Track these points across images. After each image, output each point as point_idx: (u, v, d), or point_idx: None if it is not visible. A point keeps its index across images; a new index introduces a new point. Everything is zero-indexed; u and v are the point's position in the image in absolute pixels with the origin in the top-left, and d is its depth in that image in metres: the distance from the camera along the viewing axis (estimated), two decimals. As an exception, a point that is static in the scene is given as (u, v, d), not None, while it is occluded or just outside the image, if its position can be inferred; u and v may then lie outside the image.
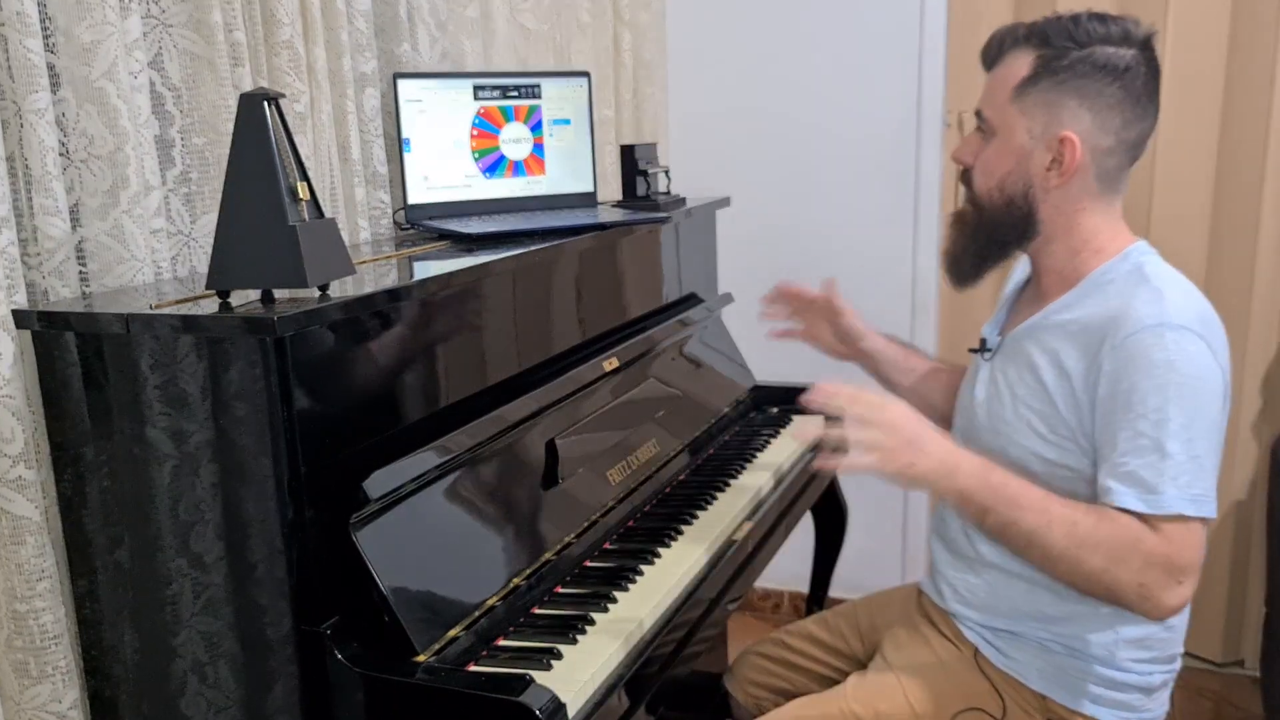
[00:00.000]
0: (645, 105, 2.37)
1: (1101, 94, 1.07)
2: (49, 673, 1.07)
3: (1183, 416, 1.01)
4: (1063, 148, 1.08)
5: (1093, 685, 1.16)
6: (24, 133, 1.05)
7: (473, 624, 1.07)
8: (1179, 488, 1.00)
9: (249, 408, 0.97)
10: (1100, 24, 1.07)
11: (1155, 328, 1.02)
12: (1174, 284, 1.08)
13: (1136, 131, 1.10)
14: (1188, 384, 1.01)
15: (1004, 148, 1.12)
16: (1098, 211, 1.12)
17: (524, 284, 1.37)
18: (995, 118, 1.13)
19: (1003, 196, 1.13)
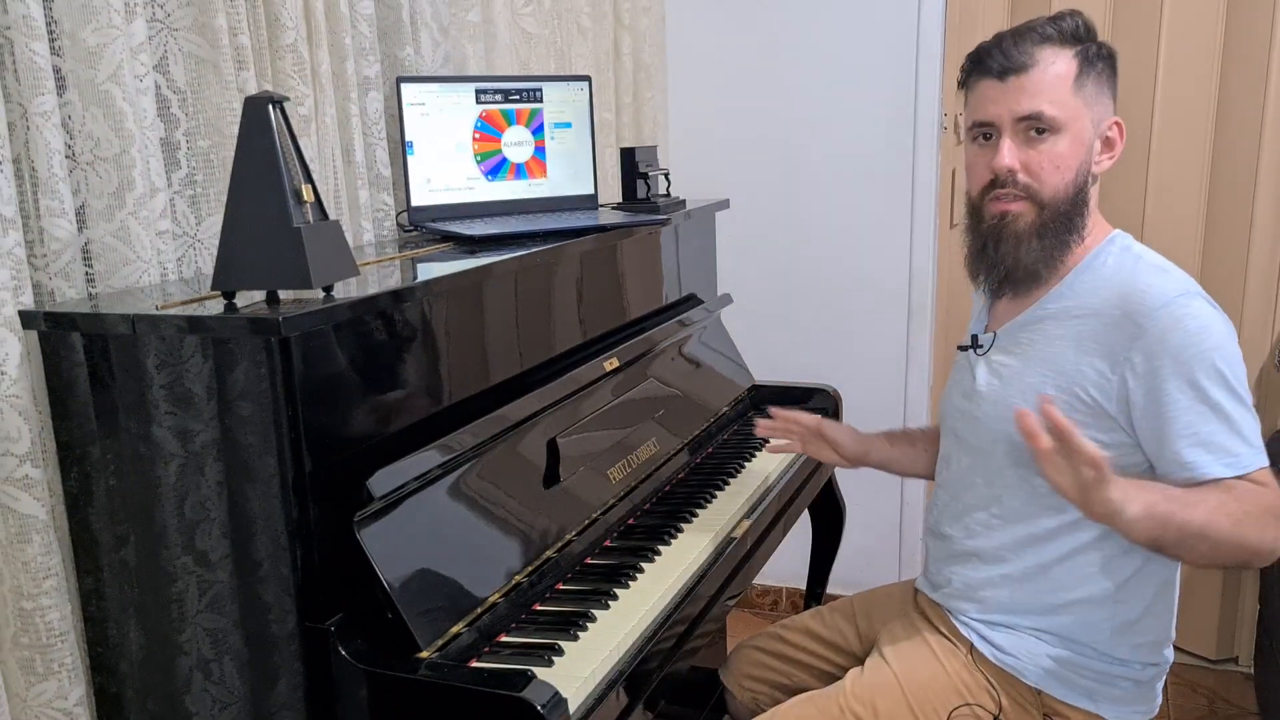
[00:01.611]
0: (645, 108, 2.38)
1: (1113, 81, 1.18)
2: (55, 669, 1.08)
3: (1227, 377, 1.07)
4: (1112, 131, 1.18)
5: (1087, 679, 1.18)
6: (30, 135, 1.06)
7: (475, 620, 1.08)
8: (1248, 444, 1.06)
9: (254, 407, 0.98)
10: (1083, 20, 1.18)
11: (1180, 298, 1.08)
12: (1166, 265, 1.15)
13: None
14: (1223, 345, 1.07)
15: (1075, 140, 1.16)
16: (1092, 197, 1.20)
17: (526, 285, 1.38)
18: (1062, 114, 1.14)
19: (1075, 187, 1.16)
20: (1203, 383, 1.06)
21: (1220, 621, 2.30)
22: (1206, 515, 1.04)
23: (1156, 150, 2.16)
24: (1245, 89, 2.08)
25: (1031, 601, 1.19)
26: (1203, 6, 2.08)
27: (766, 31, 2.43)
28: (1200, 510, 1.04)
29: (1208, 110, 2.12)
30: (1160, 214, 2.18)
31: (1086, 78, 1.15)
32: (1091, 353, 1.12)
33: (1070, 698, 1.18)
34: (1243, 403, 1.07)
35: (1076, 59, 1.15)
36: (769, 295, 2.48)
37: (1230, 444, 1.06)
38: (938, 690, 1.21)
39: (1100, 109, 1.17)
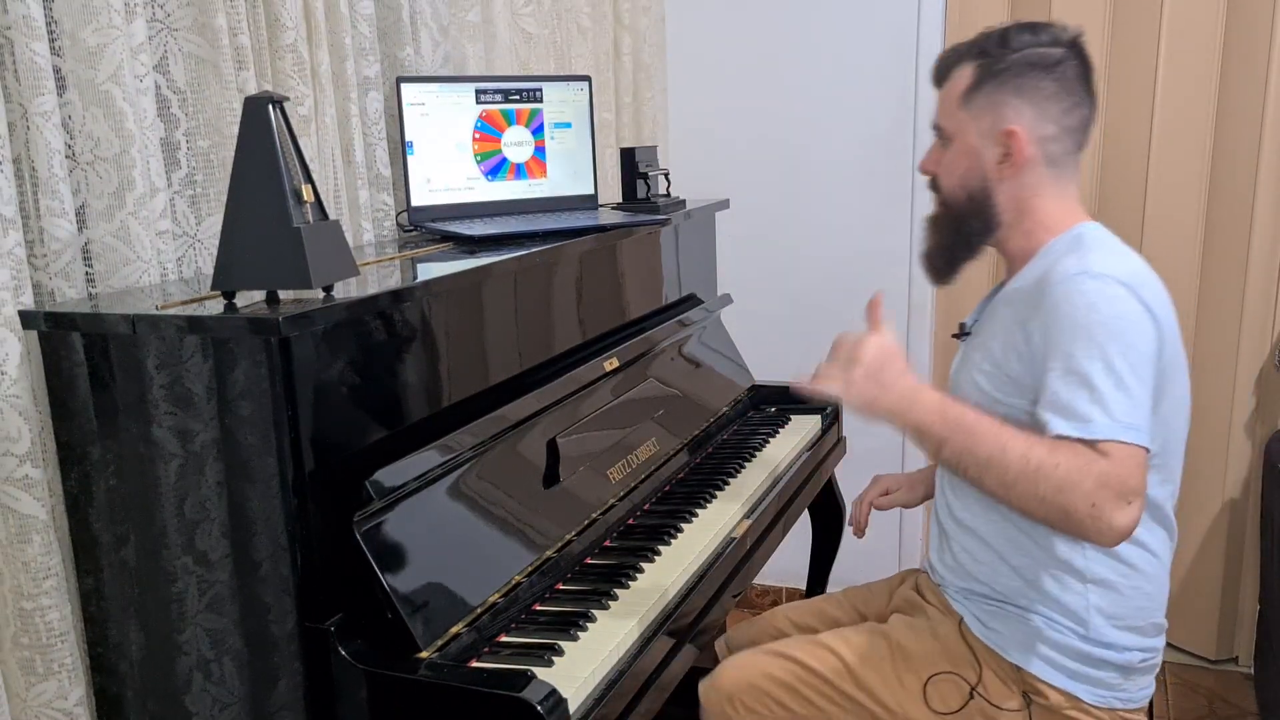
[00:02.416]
0: (645, 108, 2.38)
1: (1038, 88, 1.17)
2: (55, 670, 1.08)
3: (1105, 352, 1.06)
4: (1010, 141, 1.18)
5: (1069, 659, 1.19)
6: (30, 135, 1.06)
7: (475, 621, 1.08)
8: (1109, 416, 1.05)
9: (254, 407, 0.98)
10: (1030, 31, 1.19)
11: (1076, 276, 1.09)
12: (1106, 247, 1.16)
13: (1077, 118, 1.19)
14: (1109, 323, 1.07)
15: (960, 150, 1.23)
16: (1050, 196, 1.20)
17: (525, 285, 1.38)
18: (949, 125, 1.24)
19: (965, 193, 1.23)
20: (1076, 354, 1.07)
21: (1220, 621, 2.30)
22: (1002, 448, 1.05)
23: (1156, 150, 2.16)
24: (1245, 89, 2.08)
25: (1016, 581, 1.21)
26: (1203, 6, 2.08)
27: (766, 31, 2.43)
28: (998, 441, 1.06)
29: (1208, 110, 2.12)
30: (1160, 214, 2.18)
31: (979, 91, 1.19)
32: (1015, 328, 1.16)
33: (1050, 676, 1.19)
34: (1119, 382, 1.05)
35: (975, 72, 1.20)
36: (769, 295, 2.48)
37: (1086, 411, 1.05)
38: (922, 656, 1.24)
39: (990, 120, 1.19)
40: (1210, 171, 2.15)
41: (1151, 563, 1.20)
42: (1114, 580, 1.18)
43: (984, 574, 1.24)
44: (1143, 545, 1.18)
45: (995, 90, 1.18)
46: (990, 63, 1.19)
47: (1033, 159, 1.18)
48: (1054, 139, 1.18)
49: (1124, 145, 2.20)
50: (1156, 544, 1.20)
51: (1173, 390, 1.16)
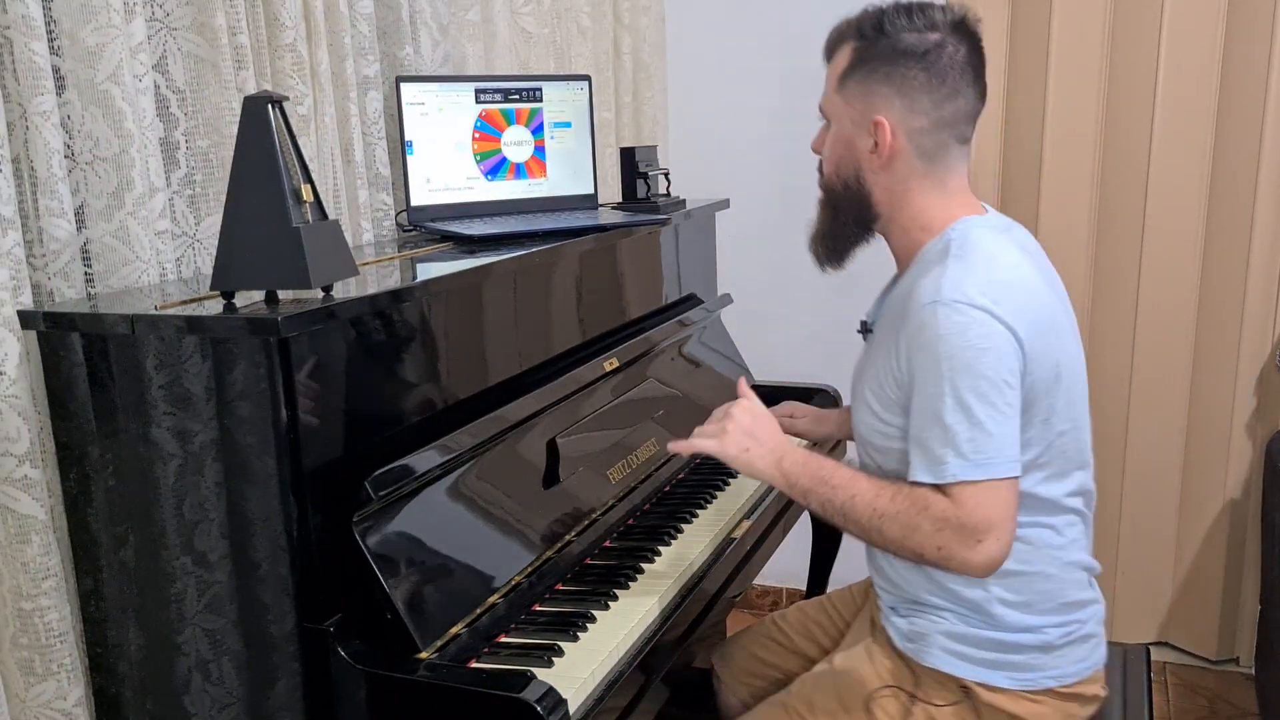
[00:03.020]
0: (645, 108, 2.38)
1: (907, 78, 1.12)
2: (54, 670, 1.08)
3: (958, 389, 1.05)
4: (877, 131, 1.14)
5: (985, 650, 1.16)
6: (29, 135, 1.06)
7: (474, 621, 1.08)
8: (960, 455, 1.05)
9: (253, 407, 0.98)
10: (905, 14, 1.14)
11: (929, 305, 1.07)
12: (965, 260, 1.10)
13: (950, 110, 1.13)
14: (957, 355, 1.05)
15: (836, 135, 1.20)
16: (926, 190, 1.16)
17: (525, 285, 1.38)
18: (828, 107, 1.21)
19: (840, 181, 1.20)
20: (929, 390, 1.06)
21: (1221, 622, 2.30)
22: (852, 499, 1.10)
23: (1156, 150, 2.16)
24: (1245, 89, 2.08)
25: (926, 582, 1.19)
26: (1203, 7, 2.08)
27: (766, 30, 2.42)
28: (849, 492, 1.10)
29: (1208, 110, 2.11)
30: (1160, 214, 2.18)
31: (853, 75, 1.15)
32: (892, 345, 1.14)
33: (973, 673, 1.16)
34: (969, 418, 1.04)
35: (851, 54, 1.16)
36: (769, 295, 2.48)
37: (940, 453, 1.05)
38: (861, 677, 1.22)
39: (861, 107, 1.15)
40: (1210, 171, 2.14)
41: (1054, 541, 1.17)
42: (1013, 568, 1.13)
43: (900, 578, 1.21)
44: (1044, 526, 1.16)
45: (866, 77, 1.14)
46: (864, 47, 1.15)
47: (902, 151, 1.14)
48: (925, 132, 1.13)
49: (1124, 145, 2.20)
50: (1061, 524, 1.17)
51: (1059, 390, 1.12)
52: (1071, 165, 2.25)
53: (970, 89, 1.14)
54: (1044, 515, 1.16)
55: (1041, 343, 1.09)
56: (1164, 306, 2.22)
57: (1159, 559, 2.34)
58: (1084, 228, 2.27)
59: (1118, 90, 2.19)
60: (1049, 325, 1.11)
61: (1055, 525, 1.17)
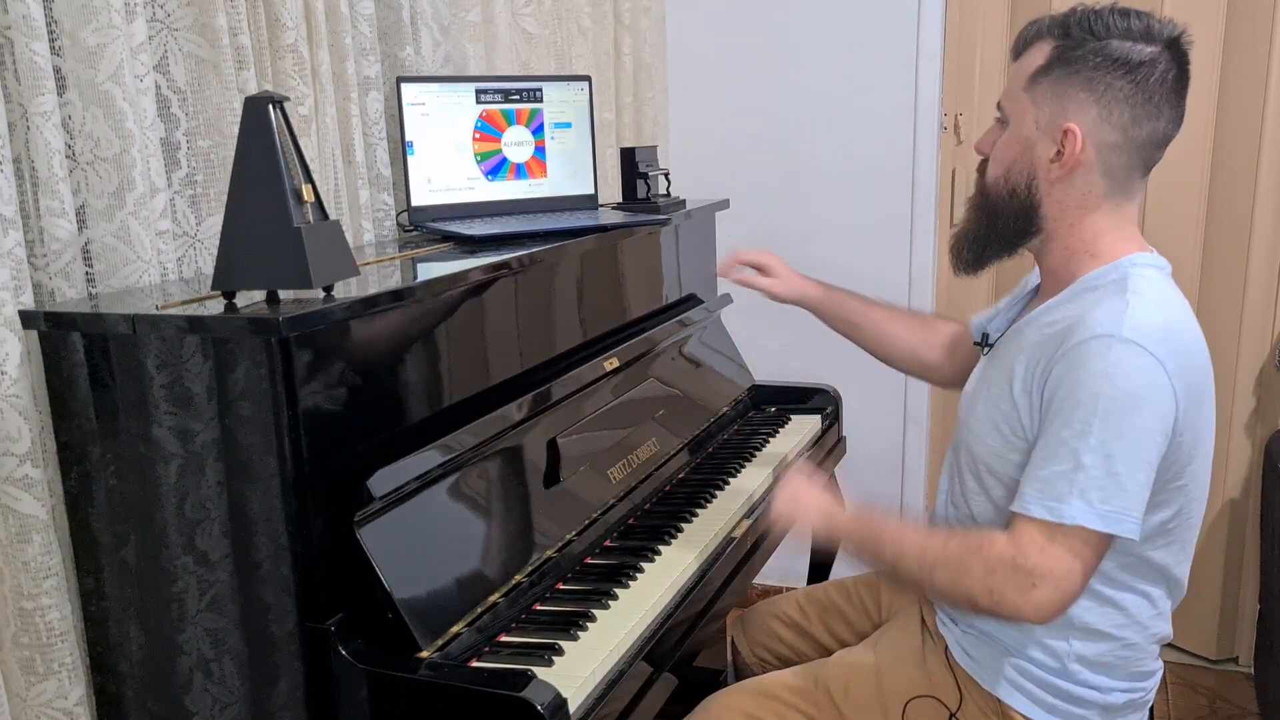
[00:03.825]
0: (645, 108, 2.38)
1: (1111, 87, 1.04)
2: (55, 669, 1.08)
3: (1106, 431, 0.99)
4: (1065, 139, 1.06)
5: (1048, 694, 1.13)
6: (30, 135, 1.06)
7: (475, 620, 1.08)
8: (1085, 501, 1.00)
9: (254, 407, 0.98)
10: (1122, 18, 1.06)
11: (1104, 338, 1.00)
12: (1147, 298, 1.04)
13: (1147, 130, 1.06)
14: (1120, 399, 0.99)
15: (1014, 136, 1.11)
16: (1103, 214, 1.09)
17: (526, 285, 1.38)
18: (1009, 106, 1.12)
19: (1008, 186, 1.12)
20: (1074, 423, 1.00)
21: (1221, 621, 2.30)
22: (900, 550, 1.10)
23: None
24: (1245, 89, 2.08)
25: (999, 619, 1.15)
26: (1203, 6, 2.08)
27: (766, 31, 2.43)
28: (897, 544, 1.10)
29: (1208, 110, 2.12)
30: (1160, 214, 2.18)
31: (1048, 75, 1.07)
32: (1038, 370, 1.07)
33: (1028, 709, 1.14)
34: (1107, 462, 0.99)
35: (1049, 53, 1.07)
36: (769, 295, 2.48)
37: (1063, 489, 1.00)
38: (906, 678, 1.20)
39: (1051, 110, 1.07)
40: (1210, 171, 2.15)
41: (1147, 612, 1.13)
42: (1102, 628, 1.11)
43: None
44: (1142, 594, 1.12)
45: (1066, 79, 1.05)
46: (1067, 46, 1.05)
47: (1087, 165, 1.06)
48: (1115, 148, 1.06)
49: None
50: (1158, 595, 1.14)
51: (1197, 456, 1.08)
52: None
53: (1172, 112, 1.07)
54: (1147, 584, 1.12)
55: (1195, 403, 1.04)
56: (1164, 306, 2.22)
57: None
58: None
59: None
60: (1203, 387, 1.07)
61: (1153, 596, 1.13)
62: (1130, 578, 1.10)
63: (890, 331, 1.48)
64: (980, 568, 1.04)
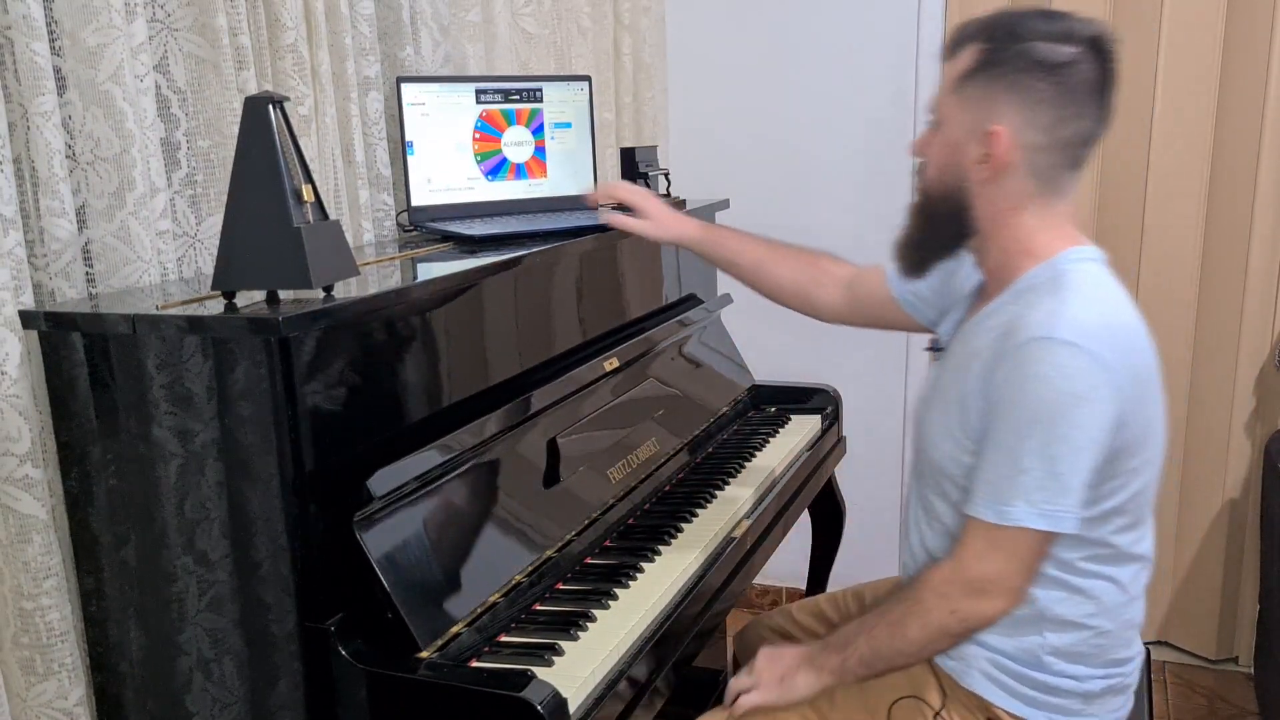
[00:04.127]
0: (645, 108, 2.38)
1: (1033, 89, 1.06)
2: (55, 669, 1.08)
3: (1047, 434, 1.01)
4: (991, 141, 1.07)
5: (1027, 687, 1.15)
6: (30, 135, 1.06)
7: (475, 620, 1.08)
8: (1030, 503, 1.03)
9: (254, 407, 0.99)
10: (1043, 20, 1.07)
11: (1041, 340, 1.02)
12: (1083, 295, 1.05)
13: (1072, 130, 1.07)
14: (1060, 400, 1.01)
15: (944, 139, 1.12)
16: (1034, 213, 1.10)
17: (525, 285, 1.38)
18: (940, 109, 1.14)
19: (942, 188, 1.13)
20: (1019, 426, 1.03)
21: (1220, 621, 2.30)
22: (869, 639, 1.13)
23: (1156, 150, 2.16)
24: (1245, 89, 2.08)
25: None
26: (1203, 6, 2.08)
27: (766, 31, 2.43)
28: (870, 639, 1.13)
29: (1208, 110, 2.12)
30: (1160, 214, 2.18)
31: (975, 78, 1.08)
32: (984, 373, 1.08)
33: (1008, 704, 1.15)
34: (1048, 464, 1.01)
35: (976, 56, 1.08)
36: (769, 295, 2.48)
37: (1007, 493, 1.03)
38: (889, 681, 1.20)
39: (976, 114, 1.08)
40: (1210, 171, 2.15)
41: (1118, 597, 1.14)
42: (1074, 618, 1.12)
43: None
44: (1110, 580, 1.13)
45: (990, 82, 1.07)
46: (992, 50, 1.07)
47: (1014, 167, 1.07)
48: (1042, 150, 1.07)
49: (1124, 145, 2.20)
50: (1125, 577, 1.15)
51: (1149, 441, 1.10)
52: (1071, 165, 2.25)
53: (1096, 111, 1.08)
54: (1112, 565, 1.13)
55: (1140, 393, 1.05)
56: (1164, 306, 2.22)
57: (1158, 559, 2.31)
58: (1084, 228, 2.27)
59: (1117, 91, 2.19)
60: (1147, 375, 1.08)
61: (1120, 579, 1.14)
62: (1097, 565, 1.12)
63: (772, 268, 1.46)
64: (934, 599, 1.09)
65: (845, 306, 1.45)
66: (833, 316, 1.48)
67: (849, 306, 1.45)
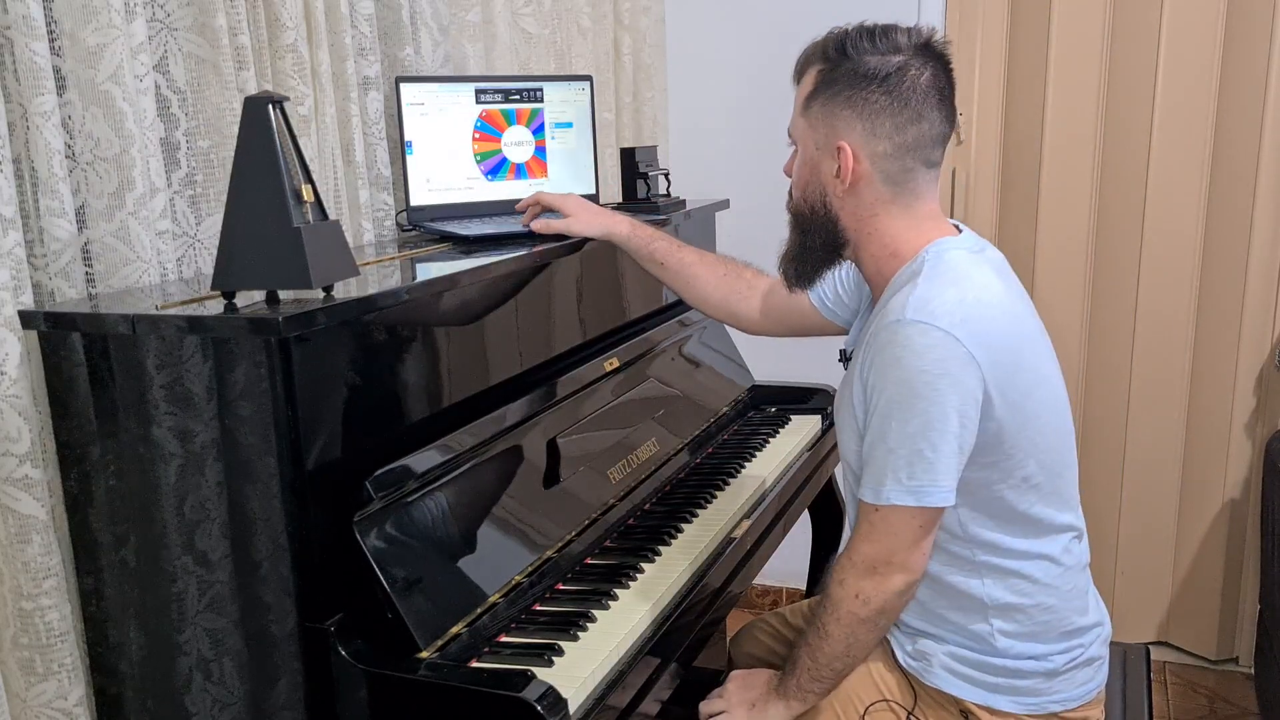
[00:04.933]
0: (645, 108, 2.38)
1: (868, 101, 1.11)
2: (55, 670, 1.08)
3: (906, 412, 1.05)
4: (841, 155, 1.13)
5: (989, 675, 1.16)
6: (30, 135, 1.06)
7: (475, 621, 1.08)
8: (897, 480, 1.06)
9: (253, 407, 0.98)
10: (868, 37, 1.13)
11: (893, 325, 1.06)
12: (935, 279, 1.09)
13: (913, 134, 1.11)
14: (914, 378, 1.05)
15: (803, 159, 1.19)
16: (893, 216, 1.15)
17: (525, 285, 1.38)
18: (794, 131, 1.20)
19: (807, 205, 1.19)
20: (881, 408, 1.07)
21: (1220, 621, 2.30)
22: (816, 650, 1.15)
23: (1156, 150, 2.16)
24: (1245, 89, 2.08)
25: (926, 613, 1.19)
26: (1203, 7, 2.08)
27: (766, 31, 2.43)
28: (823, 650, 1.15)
29: (1208, 110, 2.12)
30: (1160, 214, 2.18)
31: (815, 99, 1.14)
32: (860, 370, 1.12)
33: (975, 695, 1.17)
34: (909, 441, 1.05)
35: (816, 77, 1.15)
36: (769, 295, 2.48)
37: (880, 474, 1.07)
38: (859, 686, 1.22)
39: (825, 132, 1.14)
40: (1210, 171, 2.15)
41: (1053, 571, 1.16)
42: (1016, 602, 1.15)
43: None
44: (1039, 556, 1.15)
45: (830, 100, 1.13)
46: (828, 70, 1.13)
47: (866, 176, 1.12)
48: (889, 156, 1.11)
49: (1124, 146, 2.20)
50: (1056, 550, 1.16)
51: (1033, 411, 1.11)
52: (1071, 166, 2.25)
53: (935, 112, 1.12)
54: (1042, 541, 1.15)
55: (1007, 368, 1.08)
56: (1164, 307, 2.22)
57: (1159, 559, 2.34)
58: (1084, 228, 2.27)
59: (1117, 91, 2.19)
60: (1014, 350, 1.10)
61: (1052, 553, 1.15)
62: (1025, 542, 1.14)
63: (697, 275, 1.48)
64: (838, 590, 1.12)
65: (766, 318, 1.48)
66: (755, 328, 1.50)
67: (770, 317, 1.48)
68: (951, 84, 1.14)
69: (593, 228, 1.47)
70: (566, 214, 1.47)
